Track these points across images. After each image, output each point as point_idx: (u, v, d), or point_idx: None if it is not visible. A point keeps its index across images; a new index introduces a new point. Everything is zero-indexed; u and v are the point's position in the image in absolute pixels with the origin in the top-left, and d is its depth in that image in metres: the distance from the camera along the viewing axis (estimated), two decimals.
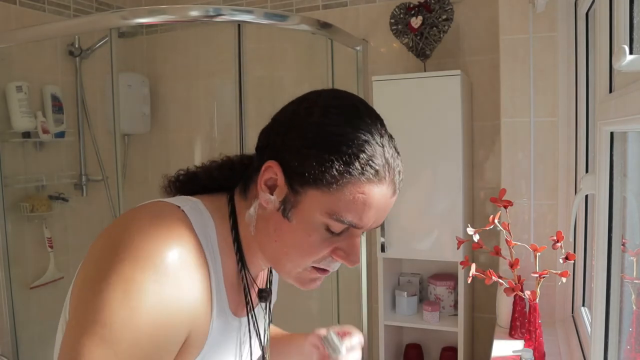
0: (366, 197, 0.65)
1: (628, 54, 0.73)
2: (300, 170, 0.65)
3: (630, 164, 1.06)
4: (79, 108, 2.63)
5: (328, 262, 0.71)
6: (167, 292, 0.60)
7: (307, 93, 0.72)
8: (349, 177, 0.64)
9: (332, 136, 0.64)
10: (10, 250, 2.26)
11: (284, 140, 0.67)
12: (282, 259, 0.71)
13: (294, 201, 0.67)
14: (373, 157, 0.65)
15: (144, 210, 0.67)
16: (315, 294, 2.80)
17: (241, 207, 0.74)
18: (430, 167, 2.14)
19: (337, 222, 0.66)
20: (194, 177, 0.79)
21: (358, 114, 0.67)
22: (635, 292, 1.08)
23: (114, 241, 0.62)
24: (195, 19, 1.79)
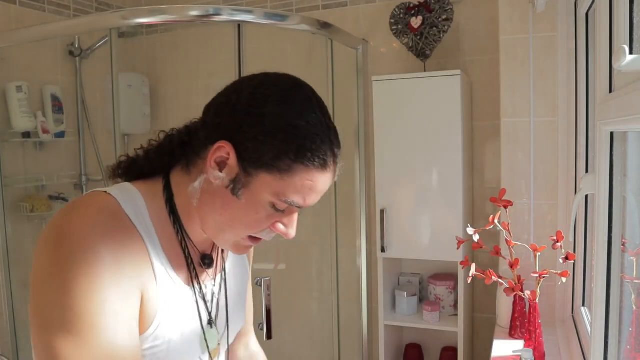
0: (313, 183, 0.72)
1: (628, 54, 0.73)
2: (255, 155, 0.70)
3: (630, 164, 1.06)
4: (79, 108, 2.63)
5: (266, 232, 0.77)
6: (110, 274, 0.67)
7: (262, 76, 0.76)
8: (300, 166, 0.70)
9: (287, 127, 0.70)
10: (10, 250, 2.26)
11: (240, 124, 0.71)
12: (225, 230, 0.77)
13: (245, 181, 0.72)
14: (322, 149, 0.71)
15: (74, 205, 0.72)
16: (315, 294, 2.80)
17: (182, 181, 0.79)
18: (430, 167, 2.14)
19: (284, 202, 0.73)
20: (133, 163, 0.84)
21: (311, 107, 0.73)
22: (635, 292, 1.08)
23: (54, 241, 0.67)
24: (195, 19, 1.79)
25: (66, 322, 0.64)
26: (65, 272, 0.65)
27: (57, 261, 0.66)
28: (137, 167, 0.83)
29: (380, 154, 2.22)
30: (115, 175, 0.84)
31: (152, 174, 0.82)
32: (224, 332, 0.90)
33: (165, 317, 0.76)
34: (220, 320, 0.88)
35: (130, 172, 0.83)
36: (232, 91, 0.76)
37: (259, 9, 2.00)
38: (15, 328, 2.25)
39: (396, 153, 2.19)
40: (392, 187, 2.21)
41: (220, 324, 0.89)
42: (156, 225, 0.77)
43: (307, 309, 2.79)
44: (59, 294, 0.65)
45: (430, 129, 2.13)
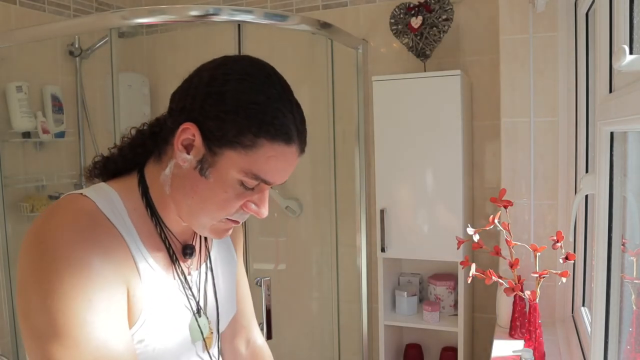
0: (278, 158, 0.73)
1: (628, 54, 0.73)
2: (218, 133, 0.71)
3: (630, 164, 1.06)
4: (79, 108, 2.63)
5: (240, 214, 0.78)
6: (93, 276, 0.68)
7: (221, 59, 0.78)
8: (264, 141, 0.71)
9: (249, 103, 0.71)
10: (11, 250, 2.26)
11: (202, 104, 0.72)
12: (198, 214, 0.77)
13: (212, 161, 0.73)
14: (284, 123, 0.72)
15: (51, 210, 0.72)
16: (315, 294, 2.80)
17: (156, 172, 0.80)
18: (430, 167, 2.14)
19: (252, 179, 0.73)
20: (107, 161, 0.84)
21: (271, 83, 0.74)
22: (635, 292, 1.08)
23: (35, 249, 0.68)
24: (195, 19, 1.79)
25: (55, 327, 0.65)
26: (49, 277, 0.66)
27: (40, 267, 0.66)
28: (111, 165, 0.84)
29: (380, 154, 2.22)
30: (92, 176, 0.85)
31: (126, 170, 0.83)
32: (215, 320, 0.90)
33: (152, 312, 0.76)
34: (210, 309, 0.89)
35: (106, 171, 0.84)
36: (193, 75, 0.77)
37: (259, 9, 2.01)
38: (15, 328, 2.25)
39: (396, 153, 2.19)
40: (392, 187, 2.21)
41: (211, 312, 0.89)
42: (135, 222, 0.77)
43: (307, 309, 2.79)
44: (44, 299, 0.65)
45: (430, 129, 2.13)
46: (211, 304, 0.90)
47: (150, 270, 0.77)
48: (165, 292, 0.80)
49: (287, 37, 2.55)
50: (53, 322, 0.65)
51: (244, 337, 1.07)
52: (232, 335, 1.04)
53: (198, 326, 0.85)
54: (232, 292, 0.98)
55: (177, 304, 0.82)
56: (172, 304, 0.81)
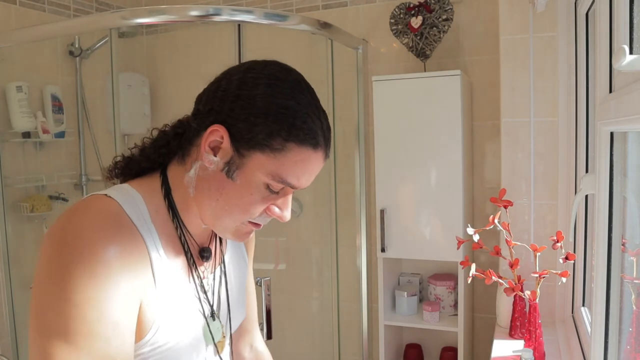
0: (305, 163, 0.74)
1: (628, 54, 0.73)
2: (247, 135, 0.72)
3: (630, 164, 1.06)
4: (79, 108, 2.63)
5: (263, 217, 0.78)
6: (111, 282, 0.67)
7: (250, 63, 0.78)
8: (292, 145, 0.72)
9: (279, 107, 0.72)
10: (10, 250, 2.26)
11: (232, 107, 0.73)
12: (222, 216, 0.77)
13: (239, 163, 0.73)
14: (313, 128, 0.73)
15: (76, 209, 0.72)
16: (315, 294, 2.80)
17: (179, 173, 0.79)
18: (430, 167, 2.14)
19: (278, 182, 0.74)
20: (130, 161, 0.84)
21: (300, 89, 0.75)
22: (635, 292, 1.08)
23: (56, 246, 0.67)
24: (195, 19, 1.79)
25: (63, 329, 0.65)
26: (67, 278, 0.65)
27: (59, 266, 0.66)
28: (134, 165, 0.83)
29: (380, 154, 2.22)
30: (112, 176, 0.85)
31: (148, 170, 0.82)
32: (227, 324, 0.90)
33: (165, 319, 0.76)
34: (222, 312, 0.89)
35: (127, 171, 0.84)
36: (221, 78, 0.77)
37: (259, 9, 2.01)
38: (15, 328, 2.25)
39: (396, 153, 2.19)
40: (392, 187, 2.21)
41: (222, 316, 0.89)
42: (156, 224, 0.77)
43: (307, 309, 2.79)
44: (59, 299, 0.65)
45: (430, 129, 2.13)
46: (224, 308, 0.90)
47: (167, 275, 0.77)
48: (181, 296, 0.79)
49: (287, 37, 2.55)
50: (61, 323, 0.65)
51: (247, 341, 1.08)
52: (236, 339, 1.04)
53: (210, 331, 0.84)
54: (243, 296, 0.99)
55: (192, 308, 0.82)
56: (187, 308, 0.80)
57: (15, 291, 2.26)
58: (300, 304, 2.77)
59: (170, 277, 0.77)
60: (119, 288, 0.68)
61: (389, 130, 2.19)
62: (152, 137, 0.85)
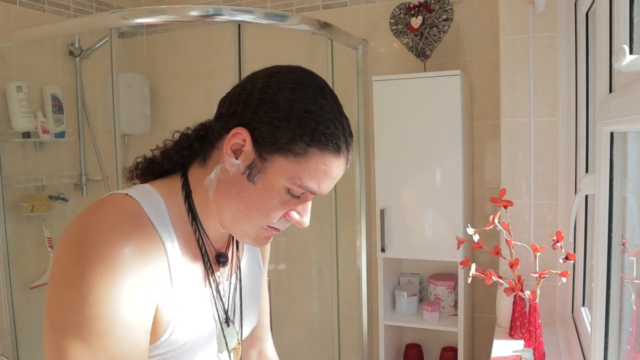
0: (327, 168, 0.74)
1: (628, 54, 0.73)
2: (271, 139, 0.72)
3: (630, 164, 1.06)
4: (79, 108, 2.63)
5: (282, 222, 0.78)
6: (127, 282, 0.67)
7: (274, 67, 0.78)
8: (315, 150, 0.72)
9: (303, 112, 0.71)
10: (10, 250, 2.26)
11: (255, 110, 0.73)
12: (242, 220, 0.77)
13: (261, 167, 0.73)
14: (336, 134, 0.73)
15: (95, 207, 0.71)
16: (315, 294, 2.80)
17: (200, 175, 0.79)
18: (430, 167, 2.14)
19: (299, 187, 0.74)
20: (151, 162, 0.83)
21: (324, 94, 0.75)
22: (635, 292, 1.08)
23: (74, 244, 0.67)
24: (195, 19, 1.79)
25: (78, 328, 0.64)
26: (84, 277, 0.65)
27: (76, 265, 0.66)
28: (156, 166, 0.83)
29: (380, 154, 2.22)
30: (133, 177, 0.84)
31: (170, 172, 0.82)
32: (239, 329, 0.90)
33: (181, 321, 0.75)
34: (236, 319, 0.89)
35: (149, 172, 0.83)
36: (245, 82, 0.77)
37: (259, 9, 2.01)
38: (15, 328, 2.25)
39: (396, 153, 2.19)
40: (392, 187, 2.21)
41: (237, 322, 0.89)
42: (175, 226, 0.77)
43: (307, 309, 2.79)
44: (75, 298, 0.65)
45: (430, 129, 2.13)
46: (238, 314, 0.90)
47: (184, 277, 0.76)
48: (197, 299, 0.79)
49: (287, 37, 2.55)
50: (77, 323, 0.65)
51: (257, 348, 1.07)
52: (247, 346, 1.04)
53: (224, 337, 0.84)
54: (256, 303, 0.98)
55: (207, 314, 0.81)
56: (201, 312, 0.80)
57: (15, 291, 2.26)
58: (300, 304, 2.77)
59: (187, 280, 0.77)
60: (135, 289, 0.68)
61: (389, 130, 2.19)
62: (173, 139, 0.84)
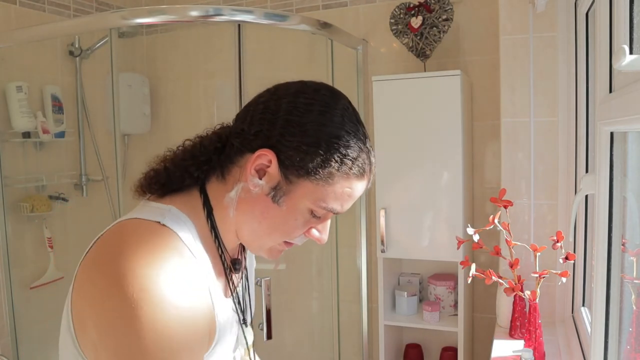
0: (351, 191, 0.75)
1: (628, 54, 0.73)
2: (299, 164, 0.72)
3: (630, 164, 1.06)
4: (79, 108, 2.62)
5: (301, 238, 0.80)
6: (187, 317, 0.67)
7: (299, 85, 0.77)
8: (341, 174, 0.73)
9: (331, 137, 0.72)
10: (10, 250, 2.26)
11: (282, 132, 0.72)
12: (263, 237, 0.78)
13: (286, 189, 0.74)
14: (361, 158, 0.74)
15: (131, 240, 0.68)
16: (316, 294, 2.80)
17: (219, 192, 0.78)
18: (430, 167, 2.14)
19: (323, 209, 0.75)
20: (169, 178, 0.80)
21: (349, 116, 0.75)
22: (635, 292, 1.08)
23: (118, 284, 0.63)
24: (195, 19, 1.79)
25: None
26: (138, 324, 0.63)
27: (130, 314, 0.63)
28: (175, 181, 0.80)
29: (380, 154, 2.22)
30: (147, 192, 0.81)
31: (188, 186, 0.80)
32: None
33: (220, 337, 0.77)
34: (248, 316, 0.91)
35: (167, 187, 0.80)
36: (268, 99, 0.75)
37: (259, 9, 2.01)
38: (15, 328, 2.25)
39: (396, 153, 2.19)
40: (392, 187, 2.21)
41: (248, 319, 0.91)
42: (205, 247, 0.77)
43: (307, 309, 2.79)
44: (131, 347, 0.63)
45: (430, 129, 2.13)
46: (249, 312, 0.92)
47: (219, 298, 0.77)
48: (226, 312, 0.80)
49: (287, 37, 2.55)
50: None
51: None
52: None
53: (244, 337, 0.86)
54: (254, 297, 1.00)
55: (232, 321, 0.82)
56: (230, 322, 0.81)
57: (15, 291, 2.26)
58: (300, 304, 2.77)
59: (221, 299, 0.78)
60: (189, 332, 0.67)
61: (389, 130, 2.19)
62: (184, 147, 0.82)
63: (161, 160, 0.82)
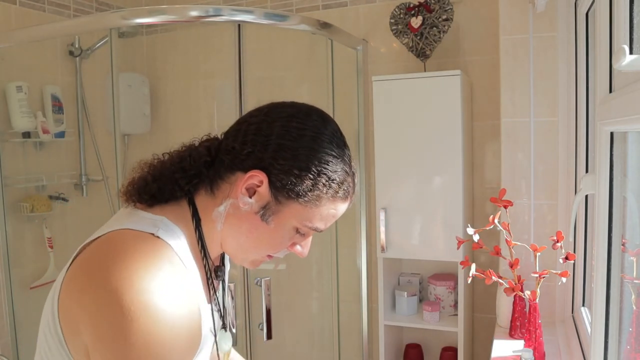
0: (336, 212, 0.81)
1: (628, 54, 0.73)
2: (289, 187, 0.76)
3: (630, 164, 1.06)
4: (79, 108, 2.63)
5: (282, 252, 0.85)
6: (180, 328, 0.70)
7: (291, 108, 0.79)
8: (328, 197, 0.78)
9: (321, 162, 0.76)
10: (10, 250, 2.26)
11: (274, 156, 0.75)
12: (249, 251, 0.83)
13: (275, 209, 0.78)
14: (347, 181, 0.80)
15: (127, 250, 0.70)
16: (315, 294, 2.80)
17: (207, 204, 0.81)
18: (430, 167, 2.14)
19: (308, 228, 0.80)
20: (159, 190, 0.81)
21: (337, 141, 0.79)
22: (635, 292, 1.08)
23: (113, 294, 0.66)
24: (195, 19, 1.79)
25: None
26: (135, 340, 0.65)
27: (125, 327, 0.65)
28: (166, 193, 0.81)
29: (380, 154, 2.22)
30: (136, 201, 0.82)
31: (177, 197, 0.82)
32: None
33: (205, 343, 0.80)
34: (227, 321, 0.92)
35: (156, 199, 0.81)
36: (262, 120, 0.78)
37: (259, 9, 2.00)
38: (15, 328, 2.25)
39: (396, 153, 2.19)
40: (392, 187, 2.21)
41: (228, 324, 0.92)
42: (192, 254, 0.80)
43: (307, 309, 2.79)
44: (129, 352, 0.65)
45: (430, 129, 2.13)
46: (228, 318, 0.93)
47: (205, 305, 0.81)
48: (208, 319, 0.82)
49: (287, 37, 2.55)
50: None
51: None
52: None
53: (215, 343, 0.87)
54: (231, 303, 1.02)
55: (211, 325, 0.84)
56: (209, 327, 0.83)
57: (15, 291, 2.26)
58: (300, 304, 2.77)
59: (204, 305, 0.81)
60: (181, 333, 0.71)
61: (389, 130, 2.19)
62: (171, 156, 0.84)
63: (148, 168, 0.83)
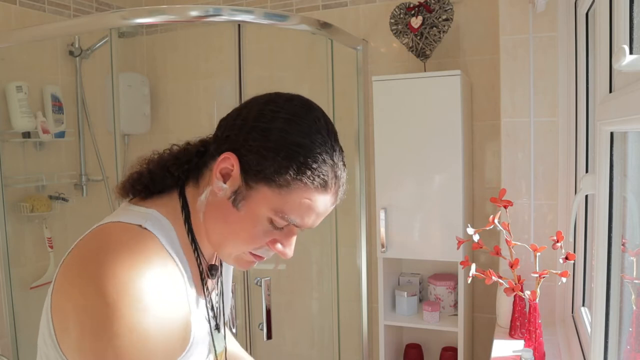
0: (311, 203, 0.74)
1: (628, 54, 0.73)
2: (256, 168, 0.72)
3: (630, 164, 1.06)
4: (79, 108, 2.63)
5: (265, 250, 0.79)
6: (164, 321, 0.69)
7: (273, 95, 0.78)
8: (300, 184, 0.72)
9: (292, 145, 0.71)
10: (10, 250, 2.26)
11: (246, 137, 0.73)
12: (225, 243, 0.78)
13: (245, 194, 0.74)
14: (324, 170, 0.73)
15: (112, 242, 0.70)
16: (315, 294, 2.80)
17: (194, 195, 0.80)
18: (430, 167, 2.14)
19: (281, 219, 0.74)
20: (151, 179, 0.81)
21: (318, 128, 0.74)
22: (635, 292, 1.08)
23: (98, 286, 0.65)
24: (195, 19, 1.79)
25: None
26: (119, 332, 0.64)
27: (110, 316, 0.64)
28: (157, 183, 0.81)
29: (380, 153, 2.22)
30: (130, 194, 0.82)
31: (167, 187, 0.81)
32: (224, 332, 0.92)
33: (195, 340, 0.78)
34: (221, 322, 0.91)
35: (148, 189, 0.81)
36: (243, 107, 0.77)
37: (259, 9, 2.00)
38: (15, 328, 2.25)
39: (396, 153, 2.19)
40: (392, 187, 2.21)
41: (221, 325, 0.91)
42: (184, 250, 0.79)
43: (307, 309, 2.79)
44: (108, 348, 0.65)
45: (430, 129, 2.13)
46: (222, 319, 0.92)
47: (194, 301, 0.79)
48: (200, 316, 0.81)
49: (287, 37, 2.55)
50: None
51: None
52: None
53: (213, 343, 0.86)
54: (229, 304, 1.00)
55: (205, 325, 0.83)
56: (203, 327, 0.82)
57: (15, 291, 2.26)
58: (300, 304, 2.77)
59: (194, 300, 0.79)
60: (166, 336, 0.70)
61: (388, 130, 2.19)
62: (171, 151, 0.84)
63: (145, 162, 0.83)
